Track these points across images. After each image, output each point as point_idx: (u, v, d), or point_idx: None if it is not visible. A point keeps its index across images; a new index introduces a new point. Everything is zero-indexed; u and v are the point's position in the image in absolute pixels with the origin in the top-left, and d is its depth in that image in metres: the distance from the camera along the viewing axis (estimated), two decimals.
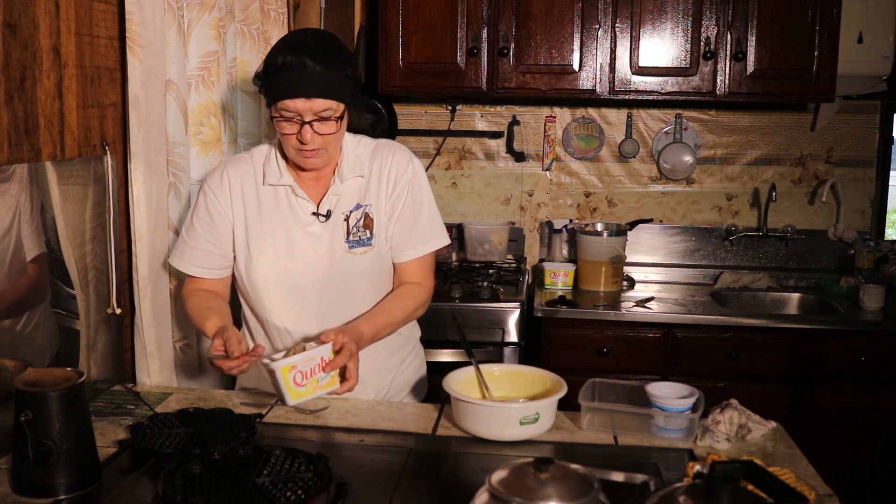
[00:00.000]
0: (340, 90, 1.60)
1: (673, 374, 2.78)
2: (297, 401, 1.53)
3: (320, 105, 1.59)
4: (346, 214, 1.75)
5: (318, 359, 1.54)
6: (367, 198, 1.77)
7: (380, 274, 1.81)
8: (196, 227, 1.79)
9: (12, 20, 1.54)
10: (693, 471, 1.27)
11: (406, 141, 3.55)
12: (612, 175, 3.52)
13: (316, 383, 1.53)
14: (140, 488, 1.37)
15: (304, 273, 1.74)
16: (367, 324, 1.70)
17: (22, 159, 1.59)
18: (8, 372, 1.56)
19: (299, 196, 1.74)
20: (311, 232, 1.74)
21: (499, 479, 1.00)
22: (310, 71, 1.56)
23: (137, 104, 1.89)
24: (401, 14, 3.06)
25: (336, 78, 1.59)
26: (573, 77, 3.07)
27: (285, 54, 1.57)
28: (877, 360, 2.79)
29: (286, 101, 1.58)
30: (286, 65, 1.56)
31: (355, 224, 1.75)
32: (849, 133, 3.41)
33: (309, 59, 1.56)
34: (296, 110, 1.59)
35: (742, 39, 2.99)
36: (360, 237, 1.75)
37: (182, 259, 1.81)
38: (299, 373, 1.52)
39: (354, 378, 1.58)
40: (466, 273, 3.19)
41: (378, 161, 1.78)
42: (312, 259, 1.74)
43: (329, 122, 1.62)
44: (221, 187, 1.77)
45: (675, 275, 3.44)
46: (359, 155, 1.77)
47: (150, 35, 1.89)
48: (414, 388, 1.96)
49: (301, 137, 1.61)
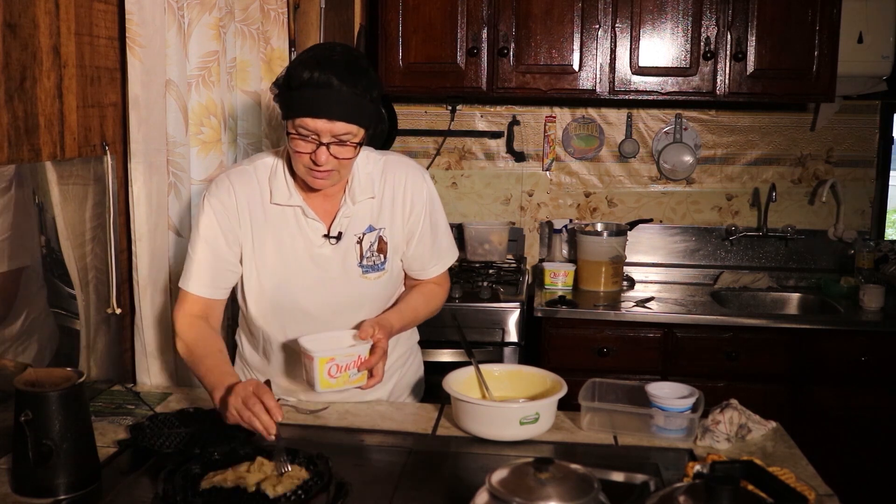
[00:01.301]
0: (363, 115, 1.53)
1: (673, 374, 2.77)
2: (326, 390, 1.57)
3: (341, 128, 1.51)
4: (359, 237, 1.69)
5: (356, 356, 1.57)
6: (381, 220, 1.71)
7: (391, 296, 1.80)
8: (208, 244, 1.66)
9: (12, 20, 1.54)
10: (693, 471, 1.27)
11: (406, 141, 3.55)
12: (612, 175, 3.52)
13: (347, 378, 1.57)
14: (140, 488, 1.38)
15: (313, 296, 1.70)
16: (397, 319, 1.70)
17: (22, 159, 1.59)
18: (8, 372, 1.56)
19: (310, 217, 1.67)
20: (321, 254, 1.68)
21: (499, 479, 1.00)
22: (336, 91, 1.48)
23: (137, 104, 1.89)
24: (401, 14, 3.06)
25: (361, 102, 1.51)
26: (573, 77, 3.07)
27: (312, 69, 1.48)
28: (877, 360, 2.79)
29: (306, 119, 1.50)
30: (312, 81, 1.48)
31: (369, 248, 1.70)
32: (849, 133, 3.41)
33: (335, 78, 1.47)
34: (315, 130, 1.50)
35: (742, 39, 2.99)
36: (375, 262, 1.71)
37: (192, 280, 1.67)
38: (335, 366, 1.55)
39: (380, 376, 1.59)
40: (466, 273, 3.18)
41: (391, 181, 1.72)
42: (323, 282, 1.69)
43: (347, 147, 1.54)
44: (230, 200, 1.66)
45: (675, 275, 3.44)
46: (370, 173, 1.70)
47: (150, 35, 1.89)
48: (413, 390, 1.97)
49: (315, 158, 1.53)
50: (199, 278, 1.67)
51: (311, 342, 1.58)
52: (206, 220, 1.67)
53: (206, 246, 1.67)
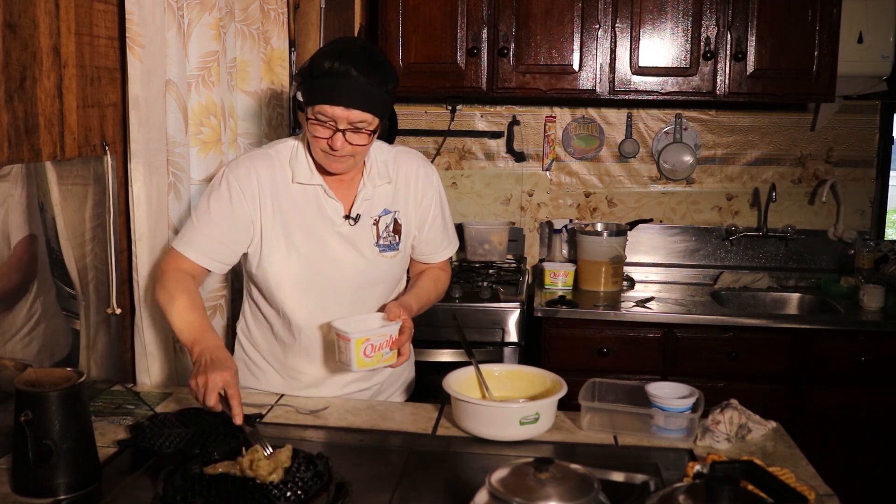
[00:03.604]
0: (378, 104, 1.62)
1: (673, 374, 2.78)
2: (362, 369, 1.65)
3: (357, 116, 1.60)
4: (376, 219, 1.78)
5: (388, 336, 1.65)
6: (396, 203, 1.81)
7: (400, 277, 1.89)
8: (214, 215, 1.71)
9: (12, 20, 1.54)
10: (693, 471, 1.27)
11: (406, 141, 3.55)
12: (612, 175, 3.52)
13: (380, 357, 1.65)
14: (140, 488, 1.38)
15: (335, 273, 1.76)
16: (415, 301, 1.79)
17: (22, 159, 1.59)
18: (8, 372, 1.56)
19: (330, 196, 1.74)
20: (340, 233, 1.76)
21: (499, 479, 1.00)
22: (353, 80, 1.57)
23: (137, 104, 1.89)
24: (401, 14, 3.07)
25: (377, 92, 1.60)
26: (573, 77, 3.07)
27: (333, 60, 1.58)
28: (877, 360, 2.79)
29: (325, 106, 1.59)
30: (332, 70, 1.57)
31: (385, 228, 1.79)
32: (849, 133, 3.41)
33: (354, 68, 1.57)
34: (332, 117, 1.60)
35: (742, 39, 2.99)
36: (391, 241, 1.80)
37: (190, 245, 1.71)
38: (370, 346, 1.63)
39: (407, 354, 1.69)
40: (466, 273, 3.18)
41: (404, 169, 1.82)
42: (345, 260, 1.76)
43: (362, 134, 1.63)
44: (249, 181, 1.71)
45: (675, 275, 3.44)
46: (385, 161, 1.80)
47: (150, 35, 1.89)
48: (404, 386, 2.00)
49: (332, 143, 1.62)
50: (199, 247, 1.72)
51: (345, 324, 1.65)
52: (221, 193, 1.72)
53: (211, 218, 1.71)
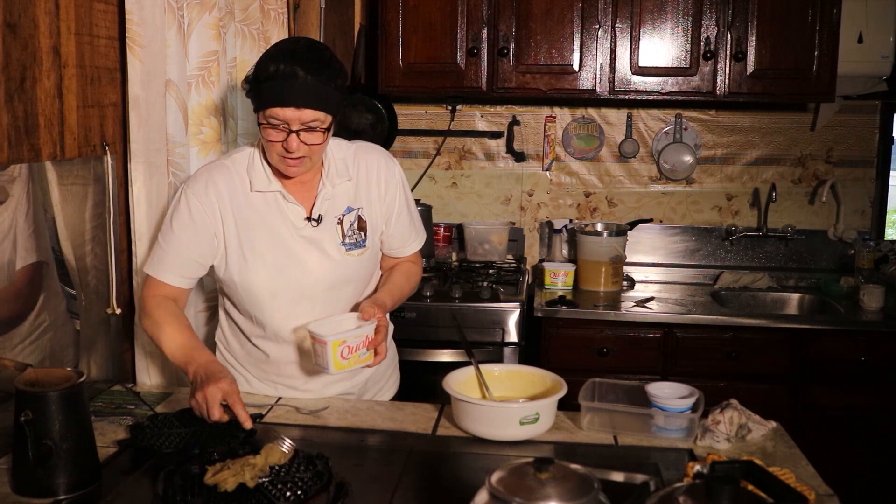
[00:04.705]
0: (329, 102, 1.60)
1: (673, 374, 2.78)
2: (340, 371, 1.63)
3: (309, 115, 1.58)
4: (339, 218, 1.77)
5: (364, 336, 1.64)
6: (358, 200, 1.79)
7: (371, 273, 1.87)
8: (178, 234, 1.71)
9: (12, 20, 1.54)
10: (693, 471, 1.27)
11: (406, 141, 3.55)
12: (612, 175, 3.52)
13: (357, 358, 1.63)
14: (140, 488, 1.38)
15: (304, 277, 1.74)
16: (388, 297, 1.78)
17: (22, 159, 1.59)
18: (8, 372, 1.56)
19: (289, 201, 1.73)
20: (304, 236, 1.74)
21: (499, 479, 1.00)
22: (301, 81, 1.56)
23: (137, 104, 1.89)
24: (401, 14, 3.06)
25: (326, 90, 1.59)
26: (573, 77, 3.07)
27: (278, 62, 1.57)
28: (877, 360, 2.79)
29: (275, 109, 1.58)
30: (278, 73, 1.56)
31: (350, 226, 1.77)
32: (849, 133, 3.41)
33: (301, 68, 1.55)
34: (284, 119, 1.58)
35: (742, 39, 2.98)
36: (357, 239, 1.78)
37: (161, 266, 1.72)
38: (347, 347, 1.61)
39: (384, 353, 1.67)
40: (466, 273, 3.18)
41: (364, 164, 1.80)
42: (312, 263, 1.74)
43: (316, 133, 1.62)
44: (207, 195, 1.71)
45: (675, 275, 3.44)
46: (343, 158, 1.78)
47: (150, 35, 1.89)
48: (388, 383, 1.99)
49: (287, 146, 1.61)
50: (170, 267, 1.73)
51: (320, 327, 1.63)
52: (181, 212, 1.72)
53: (176, 238, 1.72)
